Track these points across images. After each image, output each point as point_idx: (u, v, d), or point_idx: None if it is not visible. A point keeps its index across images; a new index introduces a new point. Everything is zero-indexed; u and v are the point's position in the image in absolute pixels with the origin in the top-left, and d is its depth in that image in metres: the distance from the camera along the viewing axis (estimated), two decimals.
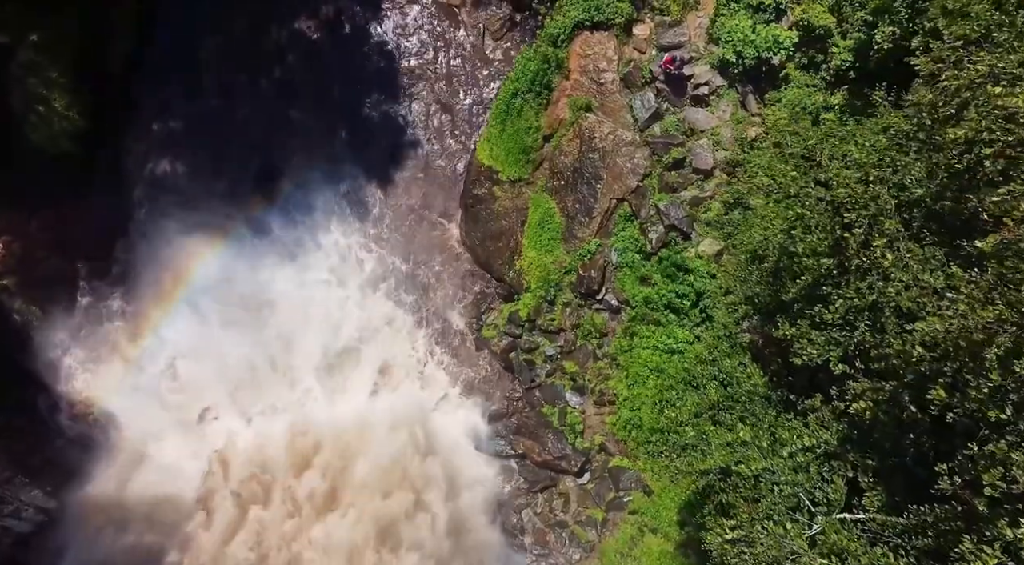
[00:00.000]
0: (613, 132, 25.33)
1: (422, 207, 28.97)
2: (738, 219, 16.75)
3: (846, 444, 10.48)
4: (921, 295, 8.96)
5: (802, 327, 10.96)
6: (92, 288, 28.10)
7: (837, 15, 20.99)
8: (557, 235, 26.45)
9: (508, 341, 27.57)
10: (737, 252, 15.47)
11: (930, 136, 9.74)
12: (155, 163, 28.44)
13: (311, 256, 28.63)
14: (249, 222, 28.29)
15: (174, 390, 27.87)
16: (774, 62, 22.54)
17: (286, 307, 28.07)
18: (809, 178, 11.45)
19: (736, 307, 14.05)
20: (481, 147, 27.60)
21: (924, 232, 9.58)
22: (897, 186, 10.09)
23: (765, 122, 18.82)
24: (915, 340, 8.71)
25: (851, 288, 10.11)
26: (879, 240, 9.55)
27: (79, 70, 25.23)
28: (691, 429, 13.27)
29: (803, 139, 12.25)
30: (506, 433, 27.69)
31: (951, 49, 10.38)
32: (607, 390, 25.98)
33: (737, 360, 13.52)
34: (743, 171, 18.17)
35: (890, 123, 11.36)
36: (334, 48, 29.14)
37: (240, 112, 28.56)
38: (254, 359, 27.70)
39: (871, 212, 10.03)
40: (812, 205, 10.98)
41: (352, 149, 28.94)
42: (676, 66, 23.68)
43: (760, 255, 12.56)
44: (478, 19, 28.73)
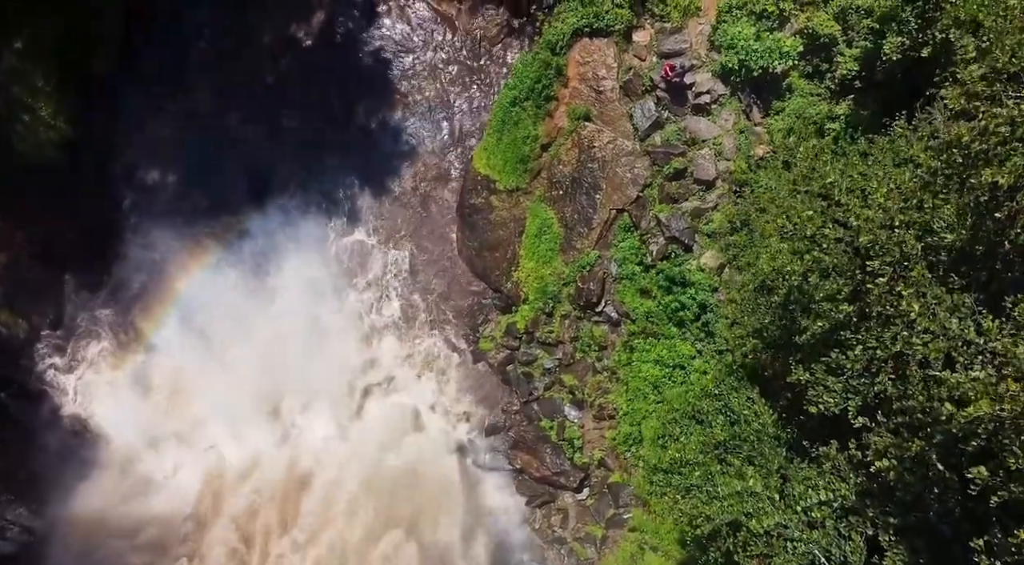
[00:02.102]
0: (613, 141, 24.79)
1: (417, 217, 28.40)
2: (744, 240, 16.17)
3: (865, 498, 9.86)
4: (951, 348, 8.37)
5: (817, 372, 10.31)
6: (80, 299, 27.52)
7: (842, 23, 20.47)
8: (555, 246, 25.91)
9: (505, 353, 27.04)
10: (743, 279, 14.84)
11: (962, 176, 9.15)
12: (145, 171, 27.87)
13: (303, 266, 28.01)
14: (240, 232, 27.71)
15: (164, 405, 27.32)
16: (777, 70, 22.01)
17: (276, 319, 27.44)
18: (827, 217, 10.84)
19: (744, 340, 13.47)
20: (478, 156, 27.03)
21: (952, 276, 8.99)
22: (923, 228, 9.50)
23: (772, 140, 18.25)
24: (943, 394, 8.13)
25: (872, 336, 9.52)
26: (906, 289, 8.94)
27: (64, 76, 24.64)
28: (697, 469, 12.70)
29: (820, 175, 11.55)
30: (503, 447, 27.15)
31: (986, 82, 9.72)
32: (607, 404, 25.46)
33: (744, 395, 12.94)
34: (749, 190, 17.57)
35: (913, 156, 10.68)
36: (328, 53, 28.57)
37: (231, 119, 28.00)
38: (246, 374, 27.07)
39: (895, 257, 9.41)
40: (830, 248, 10.36)
41: (345, 157, 28.35)
42: (677, 74, 23.16)
43: (769, 286, 12.00)
44: (475, 25, 28.17)
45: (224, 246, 27.66)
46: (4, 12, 22.52)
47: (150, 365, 27.53)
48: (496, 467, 27.14)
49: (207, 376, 27.26)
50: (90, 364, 27.49)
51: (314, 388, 27.65)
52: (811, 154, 14.07)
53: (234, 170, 27.72)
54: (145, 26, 27.27)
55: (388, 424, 27.27)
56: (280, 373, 27.48)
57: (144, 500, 26.47)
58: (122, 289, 27.64)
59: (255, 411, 27.46)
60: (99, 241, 27.36)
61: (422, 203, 28.43)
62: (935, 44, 15.44)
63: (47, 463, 26.26)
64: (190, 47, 27.75)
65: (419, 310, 28.46)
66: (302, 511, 26.68)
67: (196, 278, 27.62)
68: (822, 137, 21.64)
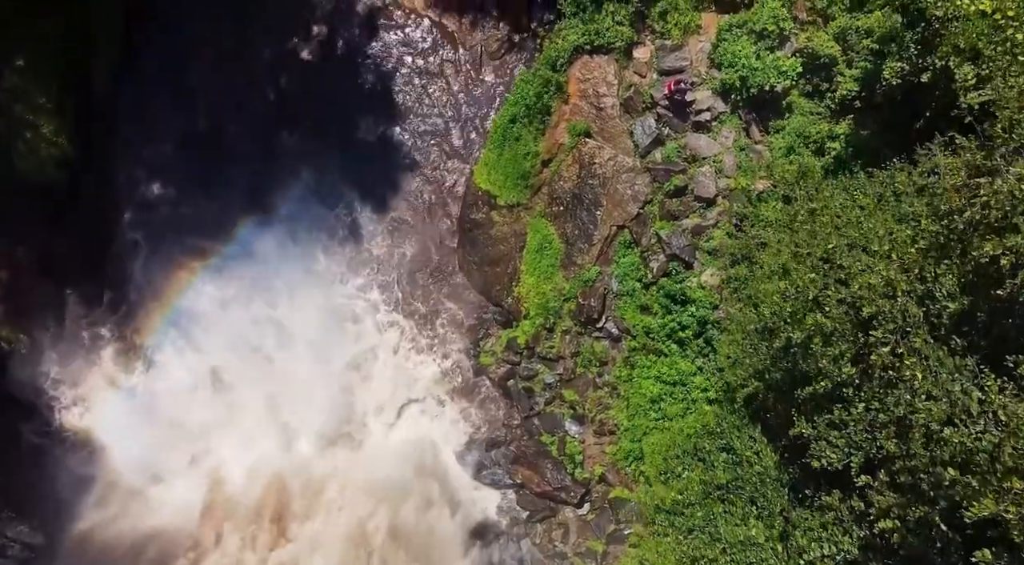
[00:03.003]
0: (613, 158, 24.85)
1: (418, 231, 28.44)
2: (745, 274, 16.20)
3: (868, 552, 9.87)
4: (952, 413, 8.39)
5: (820, 426, 10.34)
6: (81, 316, 27.49)
7: (842, 43, 20.55)
8: (556, 261, 25.96)
9: (506, 368, 27.07)
10: (745, 318, 14.78)
11: (964, 244, 9.19)
12: (145, 186, 27.87)
13: (303, 282, 28.04)
14: (241, 248, 27.70)
15: (165, 420, 27.30)
16: (777, 89, 22.09)
17: (277, 334, 27.49)
18: (829, 279, 10.86)
19: (746, 382, 13.47)
20: (478, 171, 27.09)
21: (954, 338, 9.03)
22: (926, 295, 9.54)
23: (773, 166, 18.27)
24: (945, 456, 8.16)
25: (874, 396, 9.54)
26: (908, 359, 8.98)
27: (65, 93, 24.66)
28: (699, 509, 12.69)
29: (822, 240, 11.52)
30: (504, 462, 27.19)
31: (985, 153, 9.72)
32: (607, 420, 25.50)
33: (747, 434, 12.94)
34: (749, 224, 17.60)
35: (914, 213, 10.61)
36: (328, 68, 28.60)
37: (231, 134, 28.01)
38: (246, 389, 27.10)
39: (898, 324, 9.44)
40: (832, 311, 10.37)
41: (345, 171, 28.38)
42: (680, 90, 23.19)
43: (771, 328, 12.00)
44: (476, 40, 28.24)
45: (224, 262, 27.65)
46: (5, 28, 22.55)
47: (150, 380, 27.52)
48: (497, 482, 27.17)
49: (207, 392, 27.31)
50: (90, 380, 27.45)
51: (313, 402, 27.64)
52: (801, 175, 13.96)
53: (233, 186, 27.69)
54: (144, 43, 27.29)
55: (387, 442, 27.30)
56: (280, 389, 27.51)
57: (146, 516, 26.42)
58: (122, 305, 27.62)
59: (257, 426, 27.47)
60: (99, 257, 27.35)
61: (422, 217, 28.47)
62: (935, 70, 15.52)
63: (48, 479, 26.24)
64: (190, 63, 27.74)
65: (418, 323, 28.47)
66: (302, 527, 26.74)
67: (196, 294, 27.62)
68: (822, 156, 21.75)
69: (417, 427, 28.08)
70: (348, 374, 28.08)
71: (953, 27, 14.67)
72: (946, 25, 14.78)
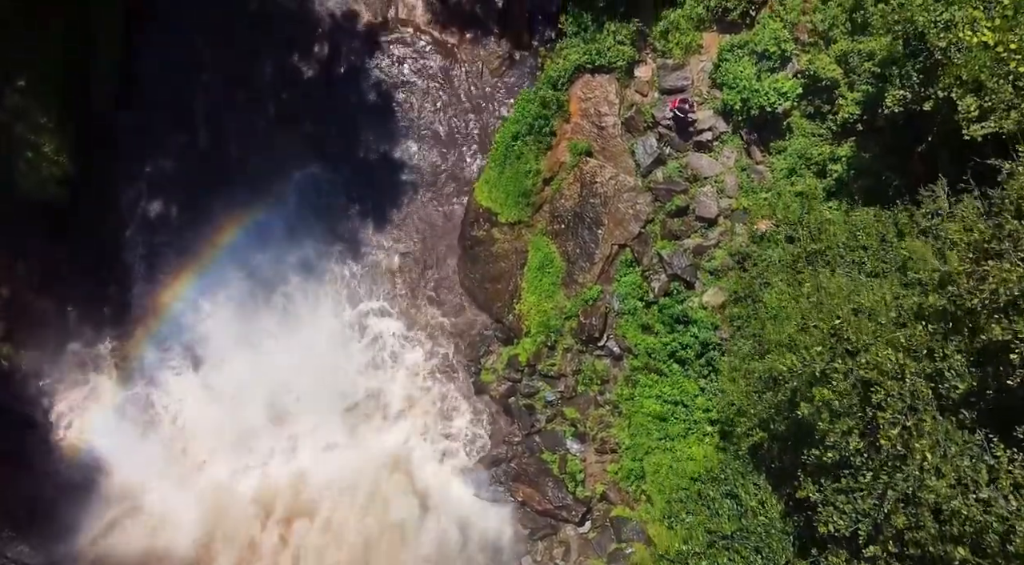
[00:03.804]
0: (615, 177, 24.87)
1: (419, 247, 28.42)
2: (748, 312, 16.15)
3: None
4: (963, 491, 8.31)
5: (827, 490, 10.26)
6: (81, 331, 27.40)
7: (844, 66, 20.57)
8: (557, 280, 25.97)
9: (507, 386, 27.05)
10: (751, 366, 14.67)
11: (972, 321, 9.14)
12: (145, 202, 27.83)
13: (303, 299, 28.02)
14: (241, 263, 27.67)
15: (168, 436, 27.26)
16: (778, 110, 22.11)
17: (278, 351, 27.42)
18: (836, 352, 10.80)
19: (751, 431, 13.39)
20: (480, 188, 27.09)
21: (963, 412, 8.97)
22: (935, 374, 9.48)
23: (776, 213, 18.25)
24: (955, 531, 8.08)
25: (882, 469, 9.44)
26: (919, 442, 8.92)
27: (66, 111, 24.66)
28: (704, 559, 12.63)
29: (828, 310, 11.40)
30: (505, 479, 27.15)
31: (993, 231, 9.57)
32: (609, 438, 25.49)
33: (751, 482, 12.85)
34: (751, 263, 17.54)
35: (920, 280, 10.41)
36: (329, 84, 28.60)
37: (232, 149, 28.00)
38: (248, 405, 27.07)
39: (907, 403, 9.38)
40: (840, 386, 10.30)
41: (347, 186, 28.38)
42: (684, 109, 23.19)
43: (776, 378, 11.92)
44: (476, 57, 28.25)
45: (225, 278, 27.62)
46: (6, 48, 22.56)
47: (151, 396, 27.44)
48: (497, 499, 27.14)
49: (208, 406, 27.27)
50: (91, 396, 27.39)
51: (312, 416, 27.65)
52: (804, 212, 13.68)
53: (233, 202, 27.63)
54: (146, 59, 27.28)
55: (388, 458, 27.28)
56: (281, 402, 27.51)
57: (146, 532, 26.38)
58: (123, 320, 27.58)
59: (255, 440, 27.45)
60: (100, 273, 27.31)
61: (423, 234, 28.43)
62: (937, 99, 15.53)
63: (48, 497, 26.18)
64: (191, 78, 27.74)
65: (419, 340, 28.43)
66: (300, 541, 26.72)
67: (197, 310, 27.59)
68: (824, 178, 21.76)
69: (417, 443, 28.05)
70: (347, 388, 28.07)
71: (956, 58, 14.69)
72: (948, 56, 14.80)
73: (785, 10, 22.18)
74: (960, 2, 14.67)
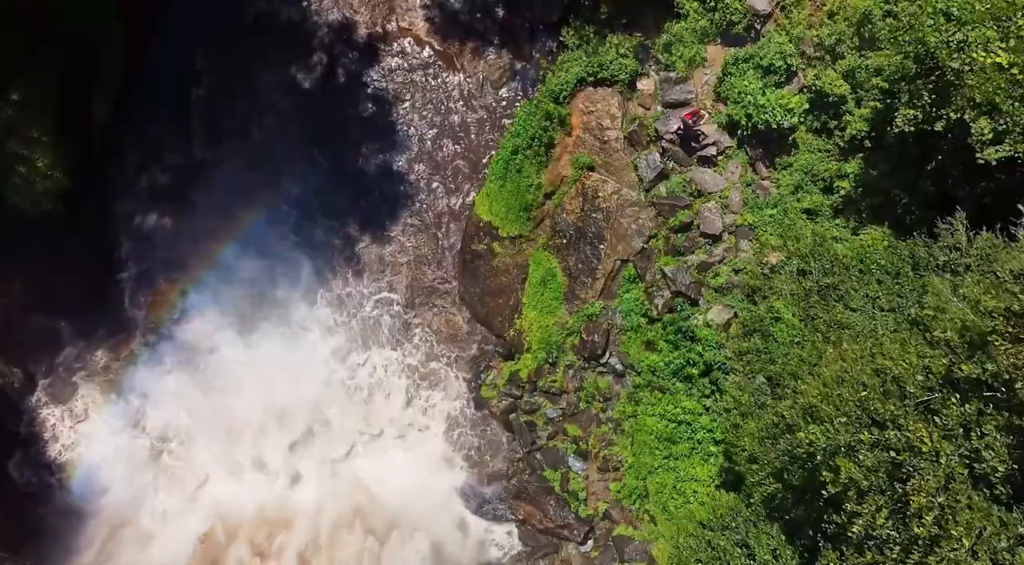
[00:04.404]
0: (617, 191, 24.50)
1: (419, 260, 28.04)
2: (759, 346, 15.77)
3: None
4: None
5: (849, 560, 9.74)
6: (76, 347, 27.11)
7: (851, 81, 20.17)
8: (559, 295, 25.59)
9: (508, 402, 26.68)
10: (764, 417, 14.16)
11: (1010, 396, 8.70)
12: (142, 217, 27.53)
13: (301, 312, 27.66)
14: (238, 278, 27.32)
15: (161, 453, 26.93)
16: (784, 125, 21.68)
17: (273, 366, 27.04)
18: (863, 424, 10.30)
19: (765, 481, 12.94)
20: (480, 202, 26.72)
21: (1000, 488, 8.54)
22: (972, 454, 9.02)
23: (786, 245, 17.84)
24: None
25: (914, 549, 8.94)
26: (956, 529, 8.45)
27: (62, 125, 24.26)
28: None
29: (852, 378, 10.81)
30: (506, 496, 26.78)
31: None
32: (611, 456, 25.11)
33: (764, 531, 12.39)
34: (761, 296, 17.14)
35: (947, 340, 9.81)
36: (328, 95, 28.24)
37: (229, 164, 27.62)
38: (245, 424, 26.72)
39: (941, 483, 8.90)
40: (867, 462, 9.81)
41: (345, 199, 28.00)
42: (696, 120, 22.73)
43: (791, 425, 11.49)
44: (477, 68, 27.85)
45: (222, 292, 27.28)
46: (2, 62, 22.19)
47: (146, 413, 27.13)
48: (499, 517, 26.77)
49: (204, 423, 26.92)
50: (86, 413, 27.06)
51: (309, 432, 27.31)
52: (817, 244, 13.26)
53: (232, 215, 27.35)
54: (143, 73, 26.92)
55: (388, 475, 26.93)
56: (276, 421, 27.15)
57: (142, 552, 26.07)
58: (117, 335, 27.23)
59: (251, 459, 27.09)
60: (96, 288, 26.98)
61: (422, 247, 28.04)
62: (949, 120, 15.14)
63: (44, 516, 25.86)
64: (188, 93, 27.43)
65: (417, 354, 28.05)
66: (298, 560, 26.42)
67: (193, 325, 27.24)
68: (831, 194, 21.36)
69: (416, 460, 27.67)
70: (345, 404, 27.72)
71: (969, 79, 14.31)
72: (961, 77, 14.41)
73: (791, 24, 21.77)
74: (973, 22, 14.28)
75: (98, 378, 27.03)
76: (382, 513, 27.25)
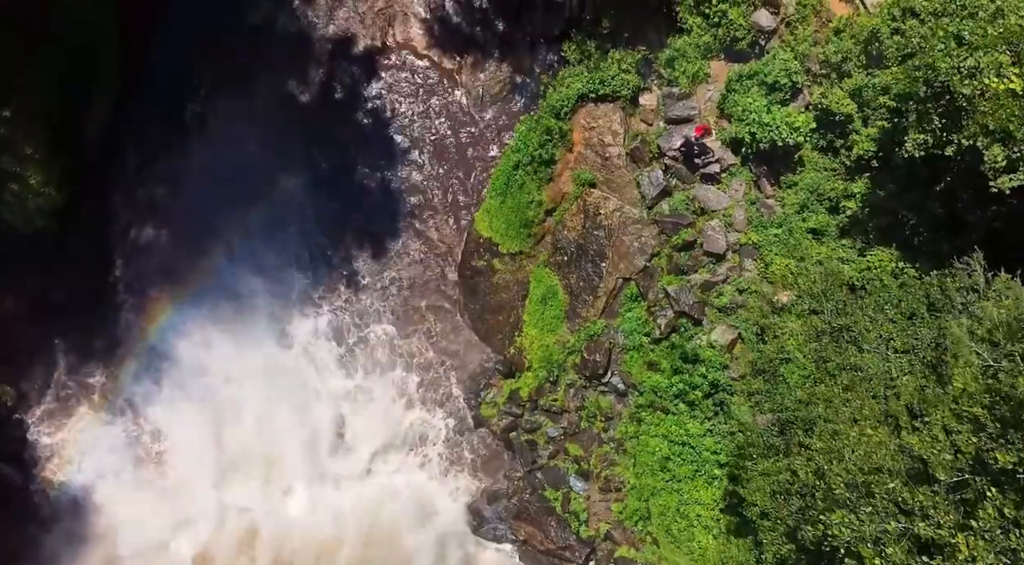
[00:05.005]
0: (619, 209, 24.13)
1: (418, 276, 27.64)
2: (768, 387, 15.42)
3: None
4: None
5: None
6: (71, 363, 26.72)
7: (858, 100, 19.78)
8: (560, 313, 25.21)
9: (508, 420, 26.31)
10: (767, 448, 13.84)
11: None
12: (138, 232, 27.11)
13: (298, 330, 27.27)
14: (235, 295, 26.91)
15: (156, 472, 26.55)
16: (790, 143, 21.31)
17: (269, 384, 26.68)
18: (889, 513, 9.88)
19: (778, 542, 12.55)
20: (480, 218, 26.34)
21: None
22: (1010, 552, 8.61)
23: (798, 284, 17.45)
24: None
25: None
26: None
27: (55, 139, 23.88)
28: None
29: (873, 455, 10.36)
30: (506, 516, 26.40)
31: None
32: (613, 476, 24.75)
33: None
34: (771, 335, 16.78)
35: (976, 415, 9.34)
36: (327, 109, 27.82)
37: (227, 175, 27.19)
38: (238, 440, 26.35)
39: None
40: (894, 556, 9.35)
41: (344, 216, 27.58)
42: (705, 136, 22.35)
43: (809, 485, 11.13)
44: (477, 81, 27.45)
45: (218, 309, 26.87)
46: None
47: (141, 430, 26.75)
48: (499, 537, 26.41)
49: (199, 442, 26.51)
50: (80, 430, 26.65)
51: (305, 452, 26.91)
52: (826, 280, 12.87)
53: (229, 230, 26.97)
54: (140, 84, 26.54)
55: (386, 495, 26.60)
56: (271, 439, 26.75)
57: None
58: (113, 352, 26.83)
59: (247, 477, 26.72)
60: (91, 304, 26.56)
61: (422, 262, 27.66)
62: (960, 146, 14.77)
63: (35, 536, 25.49)
64: (185, 105, 27.03)
65: (417, 370, 27.67)
66: None
67: (189, 342, 26.85)
68: (837, 214, 20.99)
69: (415, 478, 27.34)
70: (342, 422, 27.36)
71: (981, 105, 13.94)
72: (973, 103, 14.04)
73: (796, 40, 21.40)
74: (985, 47, 13.91)
75: (92, 394, 26.63)
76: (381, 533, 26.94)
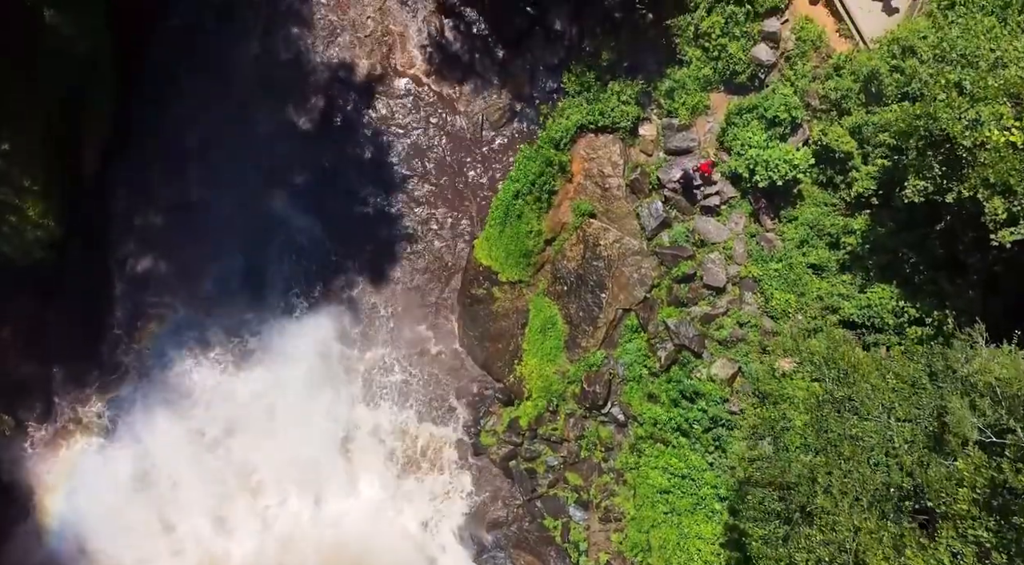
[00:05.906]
0: (619, 240, 24.12)
1: (418, 304, 27.57)
2: (768, 452, 15.42)
3: None
4: None
5: None
6: (68, 393, 26.64)
7: (858, 137, 19.81)
8: (560, 343, 25.19)
9: (508, 449, 26.26)
10: (767, 515, 13.80)
11: None
12: (135, 261, 27.04)
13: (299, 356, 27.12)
14: (234, 323, 26.86)
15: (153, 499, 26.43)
16: (789, 179, 21.30)
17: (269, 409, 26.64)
18: None
19: None
20: (480, 246, 26.30)
21: None
22: None
23: (800, 352, 17.49)
24: None
25: None
26: None
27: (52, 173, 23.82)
28: None
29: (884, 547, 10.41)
30: (506, 544, 26.33)
31: None
32: (613, 507, 24.70)
33: None
34: (772, 401, 16.81)
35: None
36: (325, 137, 27.72)
37: (225, 205, 27.11)
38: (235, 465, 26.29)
39: None
40: None
41: (343, 243, 27.53)
42: (711, 171, 22.36)
43: None
44: (477, 108, 27.42)
45: (216, 337, 26.82)
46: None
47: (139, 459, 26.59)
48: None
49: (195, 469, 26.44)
50: (77, 459, 26.56)
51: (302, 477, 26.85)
52: (832, 349, 12.83)
53: (227, 259, 26.90)
54: (136, 116, 26.47)
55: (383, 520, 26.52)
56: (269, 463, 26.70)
57: None
58: (111, 381, 26.74)
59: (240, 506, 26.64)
60: (88, 333, 26.48)
61: (421, 290, 27.59)
62: (960, 194, 14.78)
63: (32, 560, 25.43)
64: (185, 134, 26.91)
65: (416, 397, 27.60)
66: None
67: (186, 369, 26.78)
68: (837, 250, 21.01)
69: (414, 505, 27.24)
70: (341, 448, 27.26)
71: (982, 157, 13.96)
72: (974, 154, 14.06)
73: (795, 75, 21.43)
74: (986, 98, 13.94)
75: (92, 424, 26.54)
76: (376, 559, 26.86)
